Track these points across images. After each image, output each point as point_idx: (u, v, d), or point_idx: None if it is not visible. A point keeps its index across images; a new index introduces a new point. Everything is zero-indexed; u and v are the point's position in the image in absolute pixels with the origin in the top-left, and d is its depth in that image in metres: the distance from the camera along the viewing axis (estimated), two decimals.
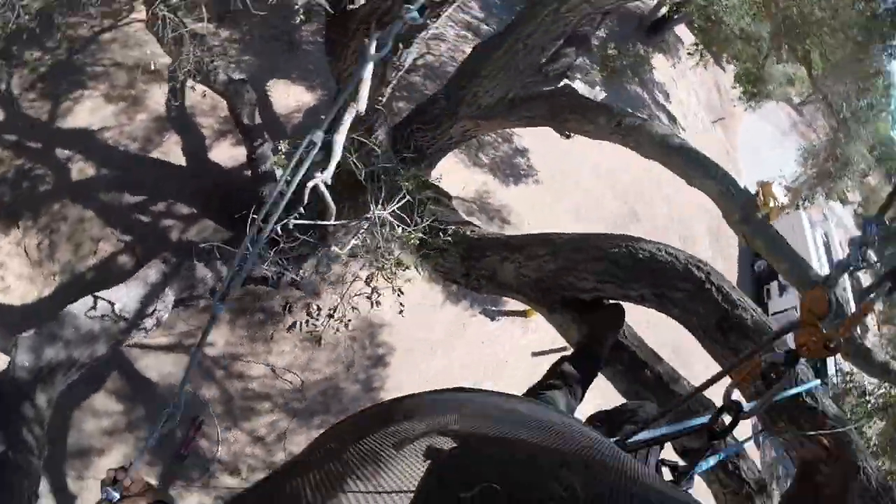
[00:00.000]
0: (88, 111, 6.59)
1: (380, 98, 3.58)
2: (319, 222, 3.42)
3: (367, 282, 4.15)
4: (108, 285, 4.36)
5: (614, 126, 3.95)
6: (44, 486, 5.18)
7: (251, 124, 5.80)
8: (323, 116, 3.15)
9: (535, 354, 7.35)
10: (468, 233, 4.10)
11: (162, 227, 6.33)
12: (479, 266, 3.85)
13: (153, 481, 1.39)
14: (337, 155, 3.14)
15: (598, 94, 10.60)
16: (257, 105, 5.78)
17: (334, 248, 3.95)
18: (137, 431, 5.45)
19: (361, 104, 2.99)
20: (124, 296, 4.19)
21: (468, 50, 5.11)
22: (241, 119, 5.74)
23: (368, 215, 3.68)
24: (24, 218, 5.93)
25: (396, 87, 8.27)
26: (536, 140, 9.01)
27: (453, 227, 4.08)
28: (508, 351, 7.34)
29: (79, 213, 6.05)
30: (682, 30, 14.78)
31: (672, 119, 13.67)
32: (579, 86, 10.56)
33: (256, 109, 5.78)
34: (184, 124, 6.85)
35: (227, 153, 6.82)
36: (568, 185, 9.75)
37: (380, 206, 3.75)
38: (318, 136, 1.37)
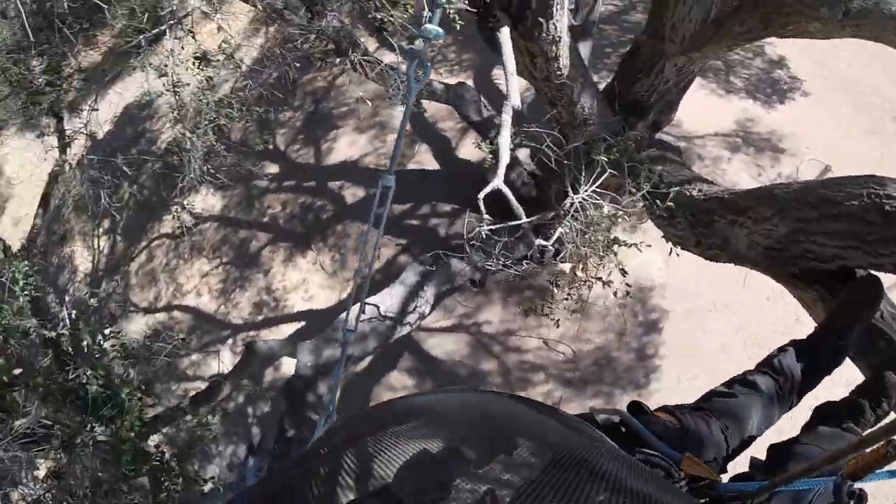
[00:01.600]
0: (346, 145, 7.85)
1: (558, 73, 3.43)
2: (509, 224, 3.51)
3: (574, 272, 4.02)
4: (392, 282, 5.23)
5: (841, 16, 3.08)
6: None
7: (480, 119, 6.11)
8: (506, 101, 3.19)
9: None
10: (694, 193, 3.60)
11: (430, 227, 7.20)
12: (710, 233, 3.40)
13: None
14: (505, 157, 3.17)
15: None
16: (481, 99, 6.04)
17: (539, 241, 3.96)
18: None
19: (514, 99, 2.98)
20: (388, 299, 4.92)
21: None
22: (470, 117, 6.09)
23: (566, 202, 3.59)
24: (315, 241, 7.45)
25: (620, 33, 7.76)
26: (790, 45, 7.41)
27: (677, 188, 3.65)
28: (797, 307, 6.26)
29: (359, 228, 7.32)
30: None
31: None
32: None
33: (482, 104, 6.05)
34: (429, 133, 7.60)
35: (471, 149, 7.33)
36: (844, 86, 7.78)
37: (583, 186, 3.62)
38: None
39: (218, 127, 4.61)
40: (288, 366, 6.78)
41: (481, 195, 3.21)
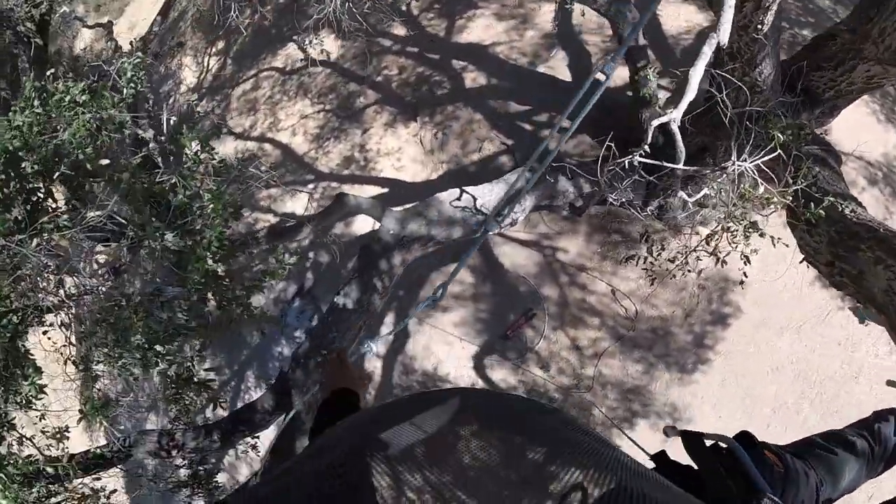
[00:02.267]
0: (481, 28, 7.40)
1: (760, 26, 3.07)
2: (666, 164, 3.26)
3: (707, 240, 3.78)
4: (486, 179, 5.08)
5: None
6: (388, 319, 6.72)
7: (634, 45, 5.65)
8: (713, 33, 2.91)
9: (890, 384, 5.63)
10: (847, 211, 3.30)
11: (541, 137, 6.87)
12: (847, 259, 3.12)
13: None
14: (692, 91, 2.88)
15: None
16: (642, 25, 5.55)
17: (682, 194, 3.72)
18: (478, 303, 6.45)
19: (724, 34, 2.65)
20: (488, 193, 4.76)
21: None
22: (624, 37, 5.63)
23: (726, 164, 3.30)
24: (421, 114, 7.24)
25: (801, 13, 6.93)
26: None
27: (832, 199, 3.37)
28: (863, 366, 5.86)
29: (469, 115, 7.03)
30: None
31: None
32: None
33: (641, 30, 5.57)
34: (571, 41, 7.07)
35: (612, 75, 6.85)
36: None
37: (743, 157, 3.33)
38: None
39: None
40: (361, 225, 6.85)
41: (655, 122, 2.95)
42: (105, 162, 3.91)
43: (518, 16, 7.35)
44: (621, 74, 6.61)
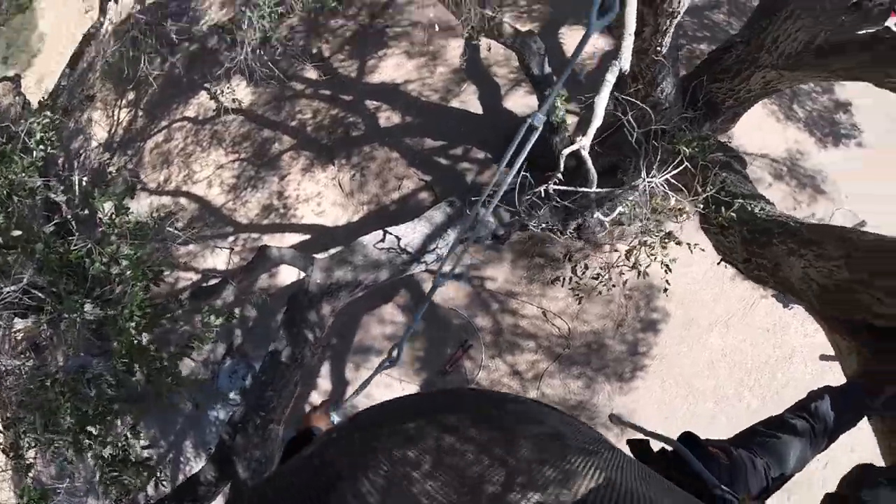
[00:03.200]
0: (392, 67, 7.51)
1: (658, 48, 3.26)
2: (579, 189, 3.38)
3: (627, 256, 3.95)
4: (407, 217, 5.09)
5: None
6: (325, 370, 6.60)
7: (540, 74, 5.85)
8: (614, 61, 3.06)
9: (823, 358, 6.11)
10: (756, 210, 3.54)
11: (459, 170, 6.98)
12: (762, 254, 3.32)
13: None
14: (598, 118, 3.00)
15: None
16: (546, 54, 5.76)
17: (598, 215, 3.86)
18: (414, 342, 6.41)
19: (625, 62, 2.79)
20: (411, 232, 4.78)
21: None
22: (531, 69, 5.81)
23: (637, 182, 3.46)
24: (338, 157, 7.24)
25: (697, 28, 7.42)
26: (862, 92, 7.13)
27: (740, 201, 3.60)
28: (794, 346, 6.27)
29: (386, 154, 7.08)
30: None
31: None
32: None
33: (546, 59, 5.78)
34: (480, 75, 7.26)
35: (521, 101, 7.06)
36: None
37: (653, 173, 3.49)
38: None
39: (279, 14, 4.32)
40: (286, 275, 6.70)
41: (566, 151, 3.05)
42: (17, 233, 3.70)
43: (427, 53, 7.49)
44: (530, 103, 6.87)
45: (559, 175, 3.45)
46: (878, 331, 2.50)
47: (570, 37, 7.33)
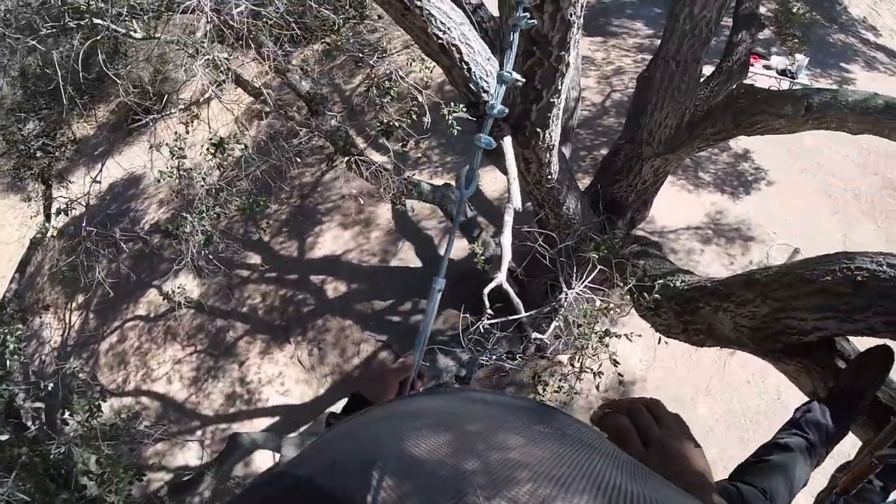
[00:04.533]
0: (331, 240, 8.05)
1: (550, 176, 3.71)
2: (510, 318, 3.64)
3: (571, 363, 4.11)
4: None
5: (804, 112, 3.39)
6: None
7: (465, 219, 6.39)
8: (508, 203, 3.50)
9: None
10: (678, 284, 3.81)
11: (412, 323, 7.21)
12: (694, 320, 3.55)
13: None
14: (507, 256, 3.34)
15: (802, 60, 9.19)
16: (467, 200, 6.32)
17: (535, 335, 4.06)
18: None
19: (517, 202, 3.18)
20: None
21: None
22: (454, 217, 6.35)
23: (560, 297, 3.76)
24: (294, 335, 7.41)
25: (593, 137, 8.39)
26: (755, 138, 8.17)
27: (660, 281, 3.91)
28: (778, 386, 6.37)
29: (339, 323, 7.30)
30: None
31: (891, 54, 11.33)
32: (776, 60, 9.37)
33: (467, 204, 6.35)
34: (412, 231, 7.86)
35: (455, 246, 7.53)
36: (805, 172, 8.49)
37: (574, 283, 3.80)
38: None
39: (217, 214, 4.72)
40: (261, 461, 6.48)
41: (486, 290, 3.34)
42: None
43: (360, 221, 8.09)
44: (462, 244, 7.39)
45: (489, 312, 3.67)
46: (813, 344, 2.76)
47: (484, 179, 8.12)
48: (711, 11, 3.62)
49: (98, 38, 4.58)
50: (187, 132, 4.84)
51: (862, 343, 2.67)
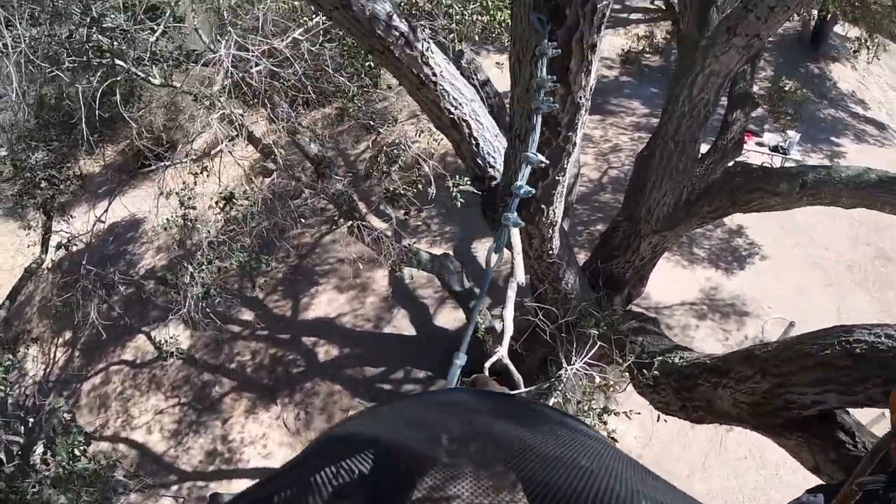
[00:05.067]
0: (325, 303, 8.04)
1: (551, 252, 3.77)
2: (509, 393, 3.62)
3: None
4: None
5: (799, 189, 3.51)
6: None
7: (462, 290, 6.40)
8: (512, 278, 3.54)
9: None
10: (677, 360, 3.82)
11: (402, 393, 7.15)
12: (693, 397, 3.55)
13: None
14: (509, 330, 3.37)
15: (794, 136, 9.54)
16: (463, 271, 6.37)
17: None
18: None
19: (520, 276, 3.22)
20: None
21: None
22: (452, 287, 6.34)
23: (560, 374, 3.75)
24: (281, 396, 7.28)
25: (590, 212, 8.55)
26: (749, 214, 8.32)
27: (659, 358, 3.89)
28: (776, 461, 6.27)
29: (328, 387, 7.20)
30: (840, 27, 13.20)
31: (880, 126, 11.82)
32: (769, 136, 9.73)
33: (464, 275, 6.38)
34: (408, 299, 7.88)
35: (450, 316, 7.58)
36: (798, 247, 8.67)
37: (574, 360, 3.80)
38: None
39: (218, 268, 4.75)
40: None
41: (487, 364, 3.35)
42: None
43: (357, 286, 8.10)
44: (458, 316, 7.40)
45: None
46: (813, 418, 2.77)
47: (481, 249, 8.22)
48: (709, 93, 3.75)
49: (117, 78, 4.71)
50: (195, 183, 4.93)
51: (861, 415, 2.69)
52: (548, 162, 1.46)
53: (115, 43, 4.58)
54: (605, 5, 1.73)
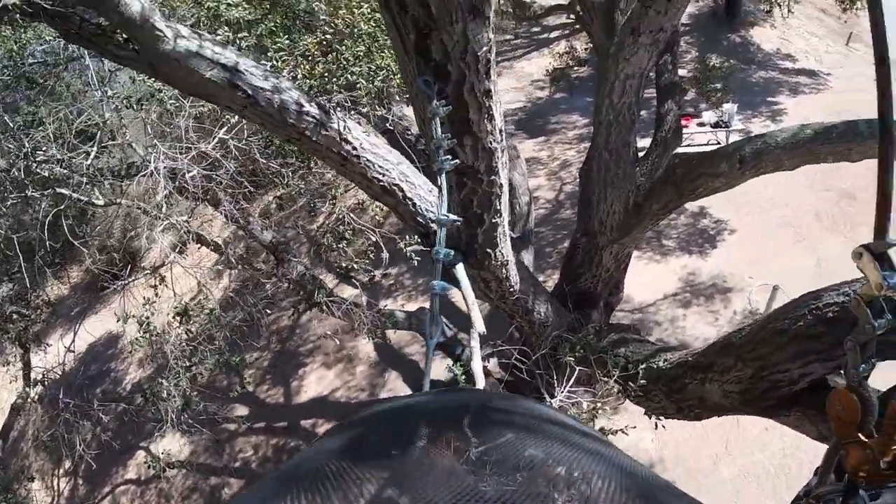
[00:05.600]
0: (315, 381, 7.96)
1: (512, 289, 3.74)
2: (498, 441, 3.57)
3: None
4: None
5: (739, 166, 3.53)
6: None
7: (444, 339, 6.40)
8: (472, 329, 3.51)
9: None
10: (660, 364, 3.80)
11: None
12: (685, 397, 3.55)
13: None
14: (480, 381, 3.36)
15: (731, 108, 9.72)
16: (441, 320, 6.35)
17: None
18: None
19: (480, 326, 3.21)
20: None
21: None
22: (427, 359, 6.34)
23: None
24: None
25: (554, 231, 8.58)
26: None
27: (642, 366, 3.86)
28: (797, 439, 6.22)
29: None
30: None
31: (811, 74, 12.21)
32: (707, 115, 9.96)
33: (443, 326, 6.35)
34: (396, 360, 7.83)
35: (441, 366, 7.51)
36: (763, 211, 8.73)
37: (558, 389, 3.77)
38: None
39: (193, 376, 4.67)
40: None
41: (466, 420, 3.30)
42: None
43: (343, 358, 8.02)
44: (448, 363, 7.33)
45: (473, 440, 3.57)
46: (805, 390, 2.78)
47: (457, 294, 8.18)
48: (630, 96, 3.79)
49: (61, 207, 4.69)
50: (156, 295, 4.88)
51: None
52: (460, 220, 1.47)
53: (56, 169, 4.59)
54: (486, 51, 1.74)
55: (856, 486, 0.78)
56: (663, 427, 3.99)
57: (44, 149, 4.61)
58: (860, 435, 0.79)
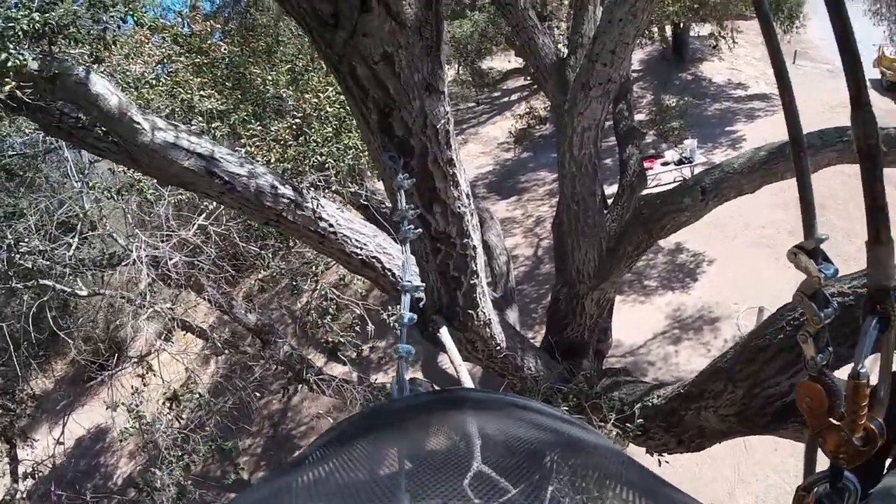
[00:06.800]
0: None
1: (497, 347, 3.76)
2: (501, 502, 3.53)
3: None
4: None
5: (701, 198, 3.67)
6: None
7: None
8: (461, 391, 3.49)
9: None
10: (655, 401, 3.81)
11: None
12: (683, 429, 3.55)
13: None
14: (477, 444, 3.33)
15: (691, 143, 10.03)
16: (433, 388, 6.34)
17: None
18: None
19: (468, 384, 3.23)
20: None
21: None
22: None
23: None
24: None
25: (537, 287, 8.66)
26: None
27: (638, 406, 3.89)
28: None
29: None
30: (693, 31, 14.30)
31: (764, 97, 12.72)
32: (669, 154, 10.28)
33: (431, 385, 6.33)
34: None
35: None
36: (737, 236, 8.90)
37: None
38: None
39: (187, 465, 4.57)
40: None
41: (465, 482, 3.27)
42: None
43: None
44: None
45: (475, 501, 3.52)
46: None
47: (446, 361, 8.15)
48: (588, 147, 3.95)
49: (44, 298, 4.68)
50: (144, 384, 4.82)
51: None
52: (422, 285, 1.55)
53: (38, 261, 4.60)
54: (444, 123, 1.86)
55: (839, 468, 0.80)
56: (667, 462, 3.95)
57: (26, 240, 4.64)
58: (832, 420, 0.80)
